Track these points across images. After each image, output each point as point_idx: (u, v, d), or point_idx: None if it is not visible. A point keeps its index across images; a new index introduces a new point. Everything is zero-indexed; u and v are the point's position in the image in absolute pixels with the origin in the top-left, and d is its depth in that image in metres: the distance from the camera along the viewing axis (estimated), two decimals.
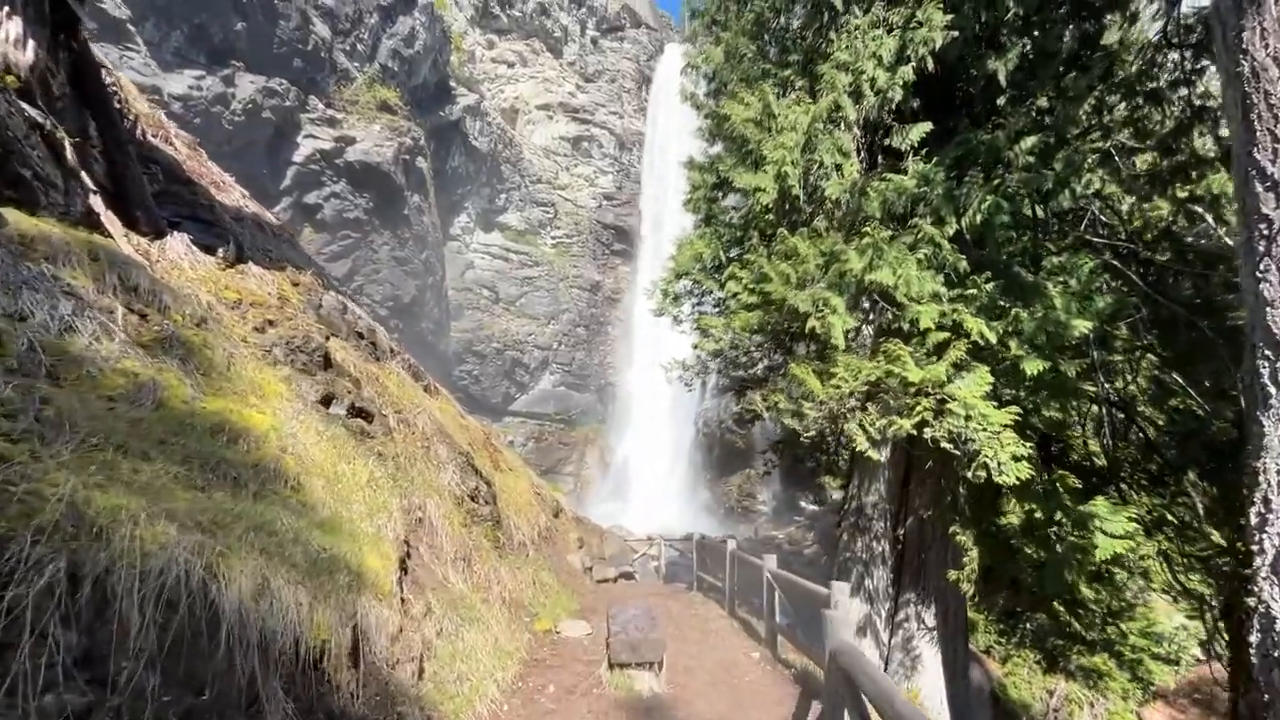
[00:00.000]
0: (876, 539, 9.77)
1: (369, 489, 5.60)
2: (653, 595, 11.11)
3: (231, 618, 3.02)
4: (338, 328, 8.93)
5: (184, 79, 24.41)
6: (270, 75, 27.78)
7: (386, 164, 31.32)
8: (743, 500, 37.16)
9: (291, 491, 4.68)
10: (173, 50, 25.02)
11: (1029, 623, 20.74)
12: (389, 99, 32.42)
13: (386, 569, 4.85)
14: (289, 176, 29.12)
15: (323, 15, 30.20)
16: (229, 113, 26.00)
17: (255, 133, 27.47)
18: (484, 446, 10.94)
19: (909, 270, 7.71)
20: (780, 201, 9.59)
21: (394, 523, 5.53)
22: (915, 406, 7.51)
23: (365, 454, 6.23)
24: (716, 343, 10.05)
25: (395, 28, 33.32)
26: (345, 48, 31.44)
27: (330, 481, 5.20)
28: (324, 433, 5.76)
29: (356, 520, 5.10)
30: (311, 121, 29.76)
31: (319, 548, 4.21)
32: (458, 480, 8.28)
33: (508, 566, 8.25)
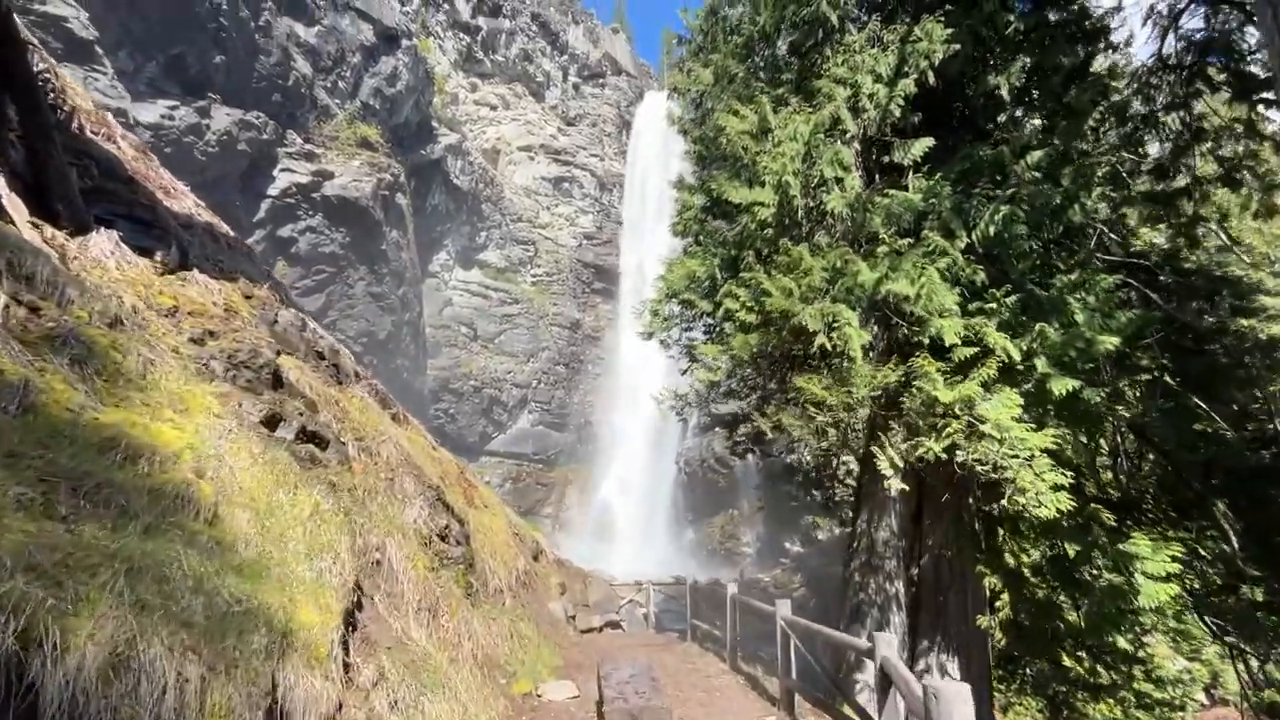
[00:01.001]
0: (890, 579, 8.80)
1: (312, 524, 4.53)
2: (644, 647, 9.92)
3: (54, 708, 1.97)
4: (294, 346, 7.90)
5: (156, 108, 23.57)
6: (248, 109, 27.08)
7: (365, 199, 30.55)
8: (725, 542, 35.81)
9: (204, 525, 3.62)
10: (146, 80, 24.23)
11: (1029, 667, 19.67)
12: (369, 136, 31.89)
13: (326, 625, 3.77)
14: (263, 209, 28.15)
15: (305, 52, 29.80)
16: (202, 143, 25.12)
17: (230, 164, 26.58)
18: (457, 481, 9.82)
19: (930, 280, 6.99)
20: (779, 216, 8.91)
21: (342, 566, 4.45)
22: (945, 428, 6.67)
23: (313, 484, 5.17)
24: (713, 372, 9.19)
25: (378, 67, 33.06)
26: (327, 84, 30.99)
27: (261, 514, 4.14)
28: (261, 456, 4.71)
29: (291, 563, 4.03)
30: (289, 155, 28.99)
31: (231, 598, 3.16)
32: (425, 517, 7.17)
33: (481, 617, 7.09)
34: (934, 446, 6.63)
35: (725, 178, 9.70)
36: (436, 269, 38.28)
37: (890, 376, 7.17)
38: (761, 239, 9.51)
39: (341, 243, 30.58)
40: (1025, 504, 6.25)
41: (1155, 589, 6.58)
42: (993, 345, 6.92)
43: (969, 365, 7.06)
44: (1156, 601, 6.49)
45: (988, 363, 6.75)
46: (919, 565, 9.11)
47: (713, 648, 9.55)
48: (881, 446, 7.04)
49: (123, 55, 23.37)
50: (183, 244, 7.31)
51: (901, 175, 9.29)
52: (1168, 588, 6.51)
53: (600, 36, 45.10)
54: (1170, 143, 10.09)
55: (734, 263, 10.14)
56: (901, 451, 6.99)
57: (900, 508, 9.20)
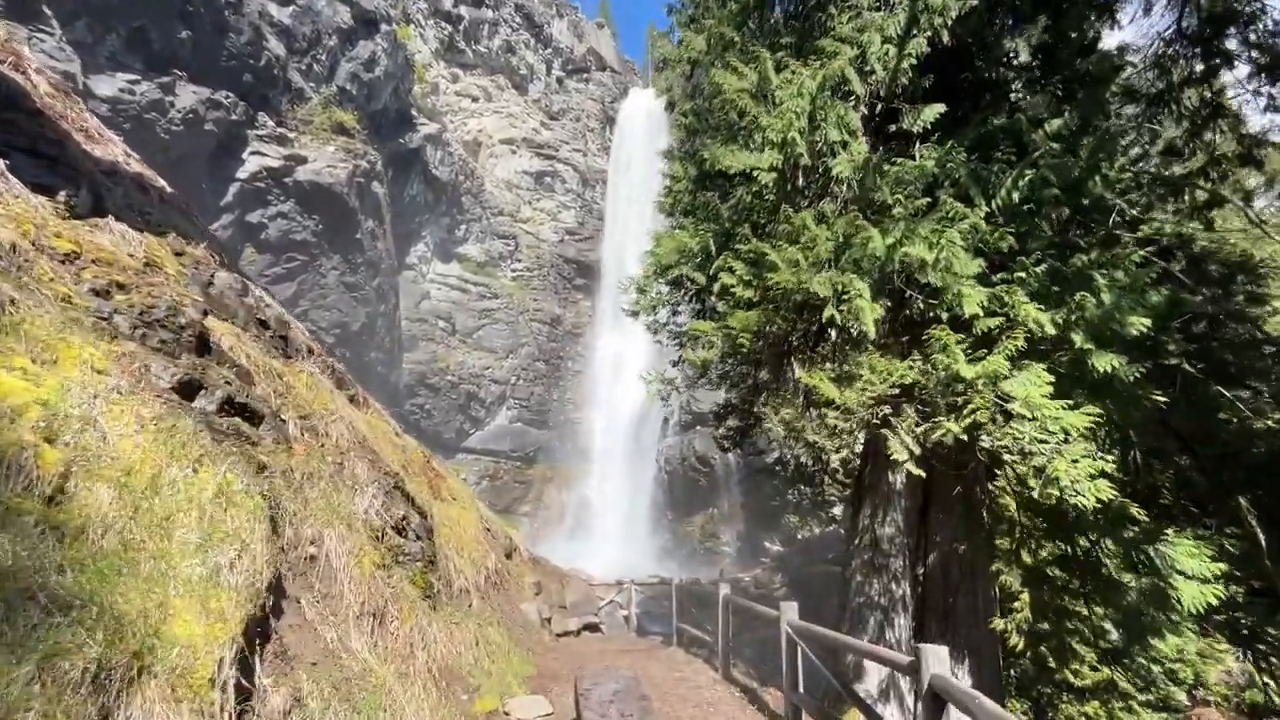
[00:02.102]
0: (895, 579, 7.98)
1: (216, 508, 3.52)
2: (625, 652, 8.98)
3: None
4: (231, 311, 6.84)
5: (115, 81, 22.10)
6: (216, 88, 25.62)
7: (339, 185, 29.19)
8: (706, 541, 34.99)
9: (39, 503, 2.62)
10: (107, 54, 22.74)
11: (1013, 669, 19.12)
12: (346, 121, 30.53)
13: (213, 638, 2.79)
14: (231, 193, 26.67)
15: (278, 32, 28.38)
16: (166, 121, 23.65)
17: (195, 144, 25.09)
18: (422, 470, 8.80)
19: (951, 243, 6.17)
20: (781, 181, 8.06)
21: (252, 560, 3.46)
22: (967, 406, 5.84)
23: (229, 460, 4.15)
24: (708, 350, 8.29)
25: (355, 51, 31.72)
26: (301, 67, 29.58)
27: (138, 493, 3.14)
28: (154, 424, 3.69)
29: (175, 555, 3.03)
30: (260, 138, 27.53)
31: (54, 602, 2.17)
32: (379, 508, 6.16)
33: (442, 621, 6.09)
34: (954, 427, 5.80)
35: (720, 143, 8.83)
36: (414, 261, 36.94)
37: (908, 374, 6.30)
38: (760, 209, 8.66)
39: (314, 230, 29.16)
40: (1060, 493, 5.44)
41: (1197, 592, 5.82)
42: (1021, 317, 6.12)
43: (992, 339, 6.26)
44: (1200, 606, 5.73)
45: (1014, 334, 5.94)
46: (925, 564, 8.31)
47: (701, 654, 8.64)
48: (893, 430, 6.19)
49: (80, 26, 21.83)
50: (98, 188, 6.21)
51: (909, 145, 8.50)
52: (1213, 590, 5.76)
53: (585, 31, 44.14)
54: (1187, 120, 9.47)
55: (728, 238, 9.26)
56: (916, 435, 6.14)
57: (906, 502, 8.40)
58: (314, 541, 4.74)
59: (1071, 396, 6.26)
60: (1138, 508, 6.43)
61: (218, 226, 26.39)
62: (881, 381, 6.23)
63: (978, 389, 5.88)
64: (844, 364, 6.81)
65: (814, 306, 7.93)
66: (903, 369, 6.30)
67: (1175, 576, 5.99)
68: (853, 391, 6.26)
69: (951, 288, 6.21)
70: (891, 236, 6.48)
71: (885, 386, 6.22)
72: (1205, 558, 5.97)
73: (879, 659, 4.15)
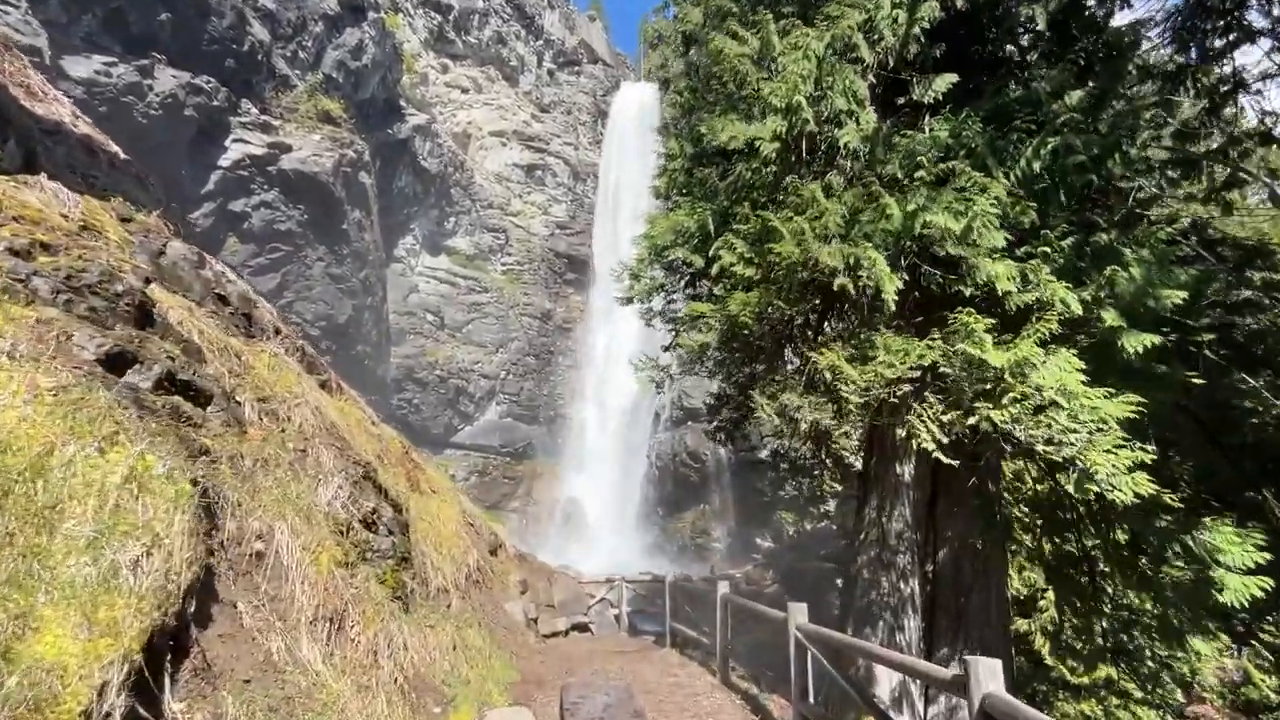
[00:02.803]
0: (904, 577, 7.43)
1: (124, 495, 2.89)
2: (617, 654, 8.40)
3: None
4: (185, 284, 6.17)
5: (90, 63, 21.20)
6: (197, 72, 24.70)
7: (325, 174, 28.34)
8: (696, 537, 34.48)
9: None
10: (82, 35, 21.82)
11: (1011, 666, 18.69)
12: (332, 110, 29.67)
13: (94, 657, 2.16)
14: (212, 181, 25.77)
15: (262, 17, 27.48)
16: (144, 105, 22.74)
17: (175, 131, 24.18)
18: (399, 461, 8.16)
19: (981, 210, 5.60)
20: (784, 152, 7.49)
21: (165, 557, 2.83)
22: (1005, 395, 5.28)
23: (158, 443, 3.52)
24: (706, 333, 7.69)
25: (342, 38, 30.86)
26: (286, 53, 28.69)
27: (13, 475, 2.51)
28: (57, 397, 3.05)
29: (57, 552, 2.40)
30: (243, 125, 26.65)
31: None
32: (345, 499, 5.53)
33: (414, 625, 5.48)
34: (996, 416, 5.22)
35: (719, 114, 8.24)
36: (402, 254, 36.12)
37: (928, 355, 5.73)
38: (762, 184, 8.08)
39: (299, 220, 28.29)
40: (1097, 487, 4.90)
41: (1240, 584, 5.32)
42: (1047, 295, 5.59)
43: (1020, 320, 5.72)
44: (1244, 599, 5.23)
45: (1046, 317, 5.39)
46: (935, 561, 7.78)
47: (697, 655, 8.08)
48: (916, 418, 5.63)
49: (54, 4, 20.92)
50: (31, 144, 5.53)
51: (918, 119, 7.97)
52: (1257, 581, 5.26)
53: (577, 23, 43.41)
54: (1205, 98, 8.99)
55: (726, 217, 8.67)
56: (943, 423, 5.58)
57: (914, 494, 7.86)
58: (261, 536, 4.11)
59: (1100, 383, 5.75)
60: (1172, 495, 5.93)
61: (199, 215, 25.51)
62: (900, 361, 5.66)
63: (1009, 377, 5.32)
64: (856, 344, 6.24)
65: (820, 286, 7.38)
66: (921, 348, 5.74)
67: (1217, 568, 5.49)
68: (869, 371, 5.70)
69: (977, 262, 5.66)
70: (912, 203, 5.92)
71: (905, 367, 5.66)
72: (1250, 546, 5.48)
73: (915, 673, 3.59)
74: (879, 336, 6.06)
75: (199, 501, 3.45)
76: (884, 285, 5.86)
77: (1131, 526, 6.00)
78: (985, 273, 5.58)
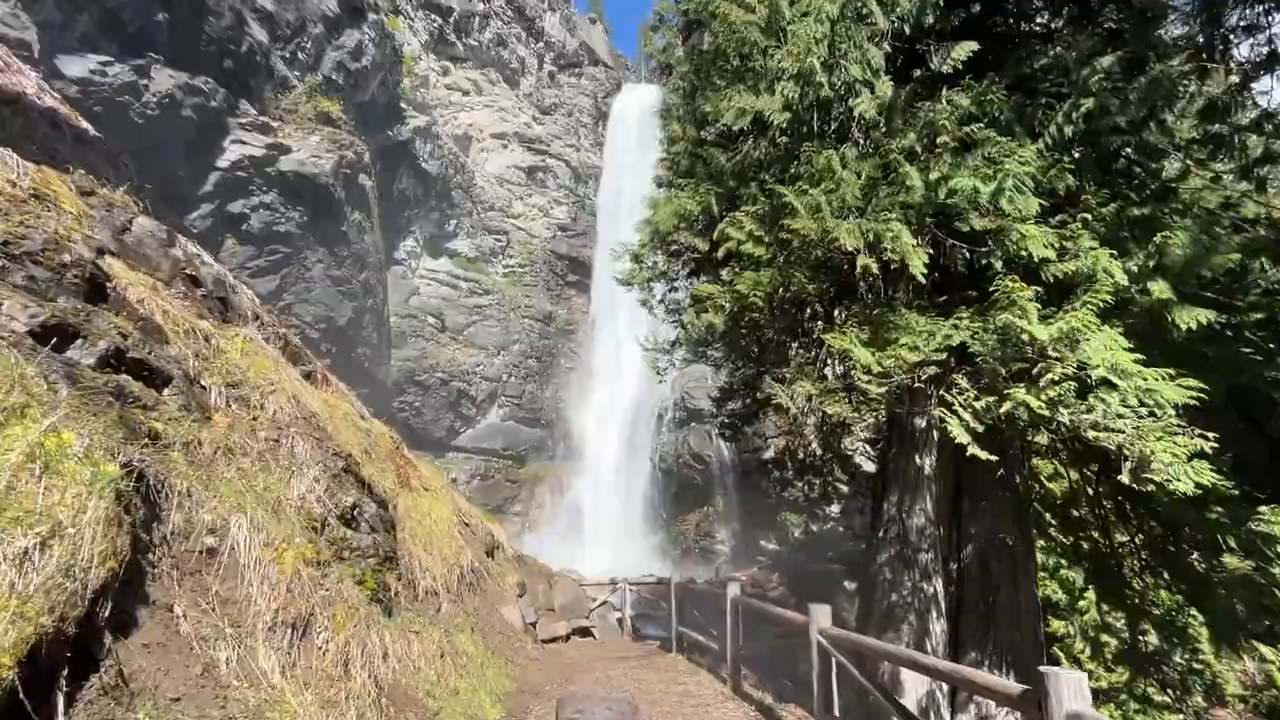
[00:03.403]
0: (927, 576, 6.89)
1: (25, 477, 2.39)
2: (619, 660, 7.86)
3: None
4: (152, 263, 5.69)
5: (85, 61, 20.86)
6: (195, 73, 24.35)
7: (324, 176, 27.96)
8: (700, 540, 33.88)
9: None
10: (79, 36, 21.48)
11: None
12: (331, 111, 29.31)
13: None
14: (211, 182, 25.38)
15: (260, 18, 27.14)
16: (140, 104, 22.39)
17: (172, 131, 23.80)
18: (389, 456, 7.65)
19: (1012, 173, 5.09)
20: (795, 124, 6.99)
21: (73, 553, 2.32)
22: (1046, 375, 4.74)
23: (91, 423, 3.02)
24: (714, 314, 7.17)
25: (342, 40, 30.54)
26: (285, 54, 28.35)
27: None
28: None
29: None
30: (241, 126, 26.28)
31: None
32: (321, 493, 5.02)
33: (397, 630, 4.96)
34: (1032, 400, 4.69)
35: (725, 88, 7.75)
36: (403, 256, 35.72)
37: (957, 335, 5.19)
38: (770, 162, 7.59)
39: (298, 222, 27.88)
40: (1159, 478, 4.36)
41: None
42: (1089, 265, 5.06)
43: (1057, 296, 5.20)
44: None
45: (1095, 287, 4.85)
46: (960, 559, 7.23)
47: (706, 662, 7.53)
48: (953, 407, 5.10)
49: (49, 4, 20.58)
50: None
51: (935, 89, 7.47)
52: None
53: (577, 25, 43.11)
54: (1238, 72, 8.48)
55: (733, 199, 8.18)
56: (976, 410, 5.05)
57: (936, 489, 7.32)
58: (215, 530, 3.60)
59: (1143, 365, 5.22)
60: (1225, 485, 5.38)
61: (196, 216, 25.13)
62: (925, 344, 5.13)
63: (1054, 354, 4.79)
64: (875, 326, 5.71)
65: (834, 267, 6.87)
66: (947, 328, 5.21)
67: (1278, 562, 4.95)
68: (890, 355, 5.17)
69: (1009, 231, 5.13)
70: (935, 171, 5.41)
71: (930, 349, 5.13)
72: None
73: (975, 687, 3.05)
74: (900, 317, 5.53)
75: (131, 488, 2.94)
76: (911, 260, 5.35)
77: (1180, 519, 5.45)
78: (1018, 240, 5.05)
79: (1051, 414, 4.76)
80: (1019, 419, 4.94)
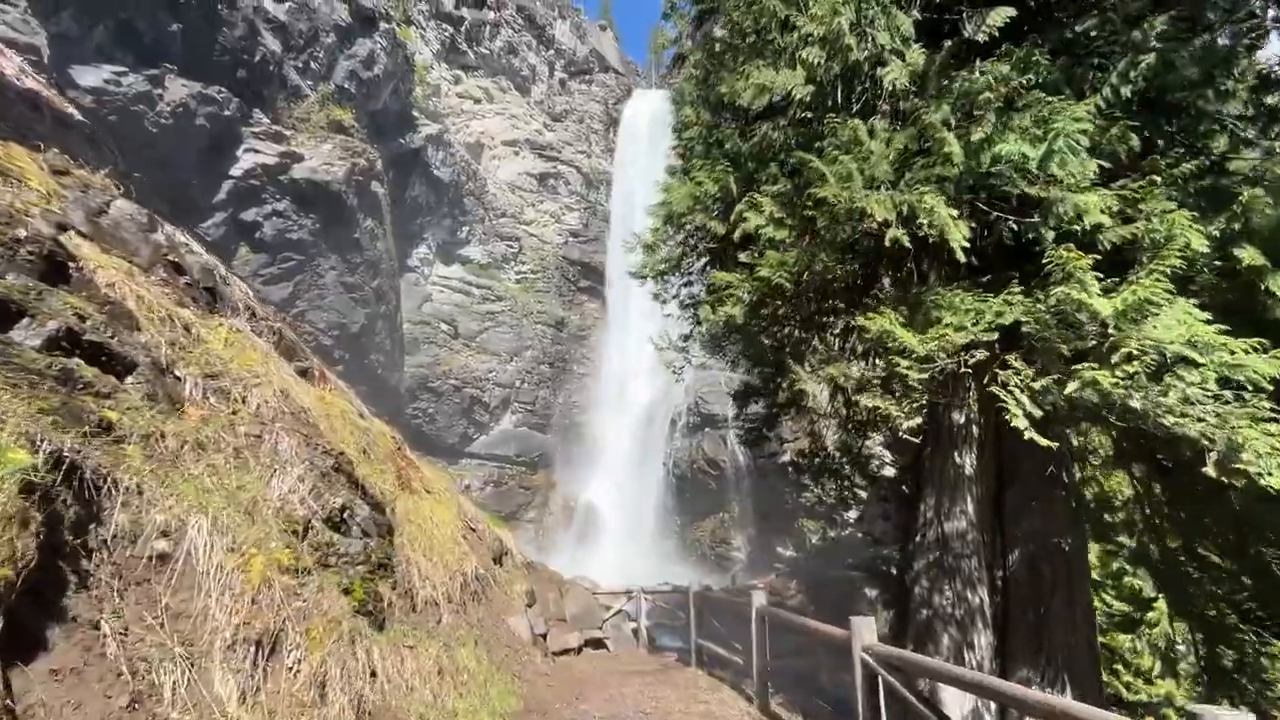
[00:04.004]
0: (970, 585, 6.26)
1: None
2: (635, 674, 7.29)
3: None
4: (130, 248, 5.26)
5: (100, 71, 20.86)
6: (208, 83, 24.34)
7: (337, 183, 27.85)
8: (716, 546, 33.15)
9: None
10: (95, 48, 21.53)
11: None
12: (343, 119, 29.25)
13: None
14: (224, 190, 25.33)
15: (273, 29, 27.17)
16: (154, 114, 22.36)
17: (186, 140, 23.77)
18: (390, 458, 7.17)
19: (1065, 130, 4.52)
20: (820, 96, 6.46)
21: None
22: (1110, 353, 4.15)
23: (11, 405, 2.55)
24: (732, 305, 6.62)
25: (354, 49, 30.52)
26: (298, 64, 28.36)
27: None
28: None
29: None
30: (254, 135, 26.24)
31: None
32: (306, 493, 4.53)
33: (389, 645, 4.44)
34: (1103, 378, 4.08)
35: (743, 63, 7.25)
36: (416, 264, 35.56)
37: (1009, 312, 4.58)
38: (793, 141, 7.05)
39: (311, 229, 27.76)
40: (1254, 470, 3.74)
41: None
42: (1157, 229, 4.46)
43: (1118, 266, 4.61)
44: None
45: (1163, 253, 4.26)
46: (1006, 565, 6.59)
47: (728, 677, 6.93)
48: (1009, 387, 4.51)
49: (65, 17, 20.64)
50: None
51: (969, 59, 6.92)
52: None
53: (588, 32, 42.98)
54: None
55: (751, 179, 7.65)
56: (1034, 394, 4.45)
57: (978, 489, 6.69)
58: (169, 533, 3.11)
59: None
60: None
61: (210, 224, 25.04)
62: (973, 323, 4.56)
63: (1118, 330, 4.19)
64: (913, 307, 5.14)
65: (862, 250, 6.32)
66: (998, 305, 4.63)
67: None
68: (934, 337, 4.59)
69: (1062, 199, 4.55)
70: (978, 133, 4.85)
71: (979, 329, 4.55)
72: None
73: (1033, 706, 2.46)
74: (942, 296, 4.96)
75: (57, 481, 2.45)
76: (949, 234, 4.78)
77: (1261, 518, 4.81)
78: (1073, 209, 4.47)
79: (1125, 395, 4.16)
80: (1085, 403, 4.35)
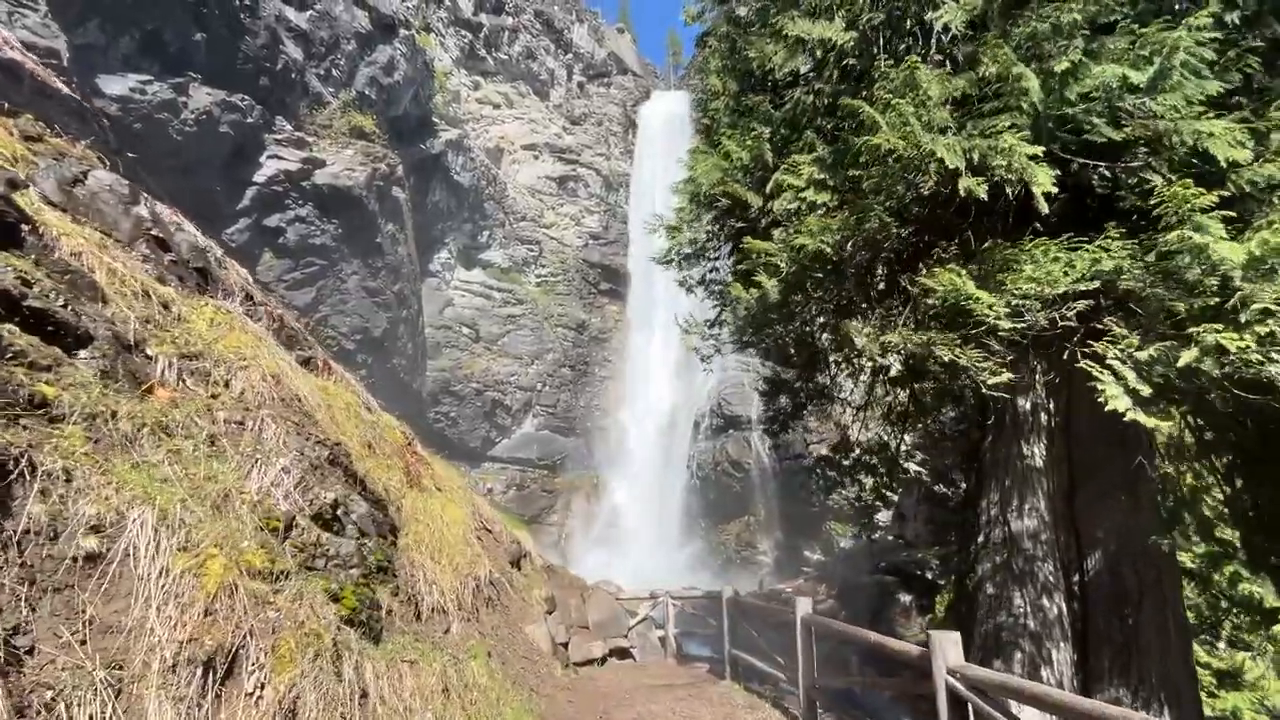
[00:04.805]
0: (1046, 592, 5.46)
1: None
2: (664, 688, 6.59)
3: None
4: (108, 221, 4.76)
5: (125, 80, 20.92)
6: (232, 91, 24.39)
7: (359, 188, 27.74)
8: (741, 550, 32.28)
9: None
10: (121, 58, 21.64)
11: None
12: (365, 125, 29.19)
13: None
14: (248, 197, 25.32)
15: (295, 37, 27.20)
16: (178, 121, 22.39)
17: (211, 148, 23.80)
18: (398, 453, 6.59)
19: (1175, 48, 3.75)
20: (864, 44, 5.76)
21: None
22: (1244, 308, 3.37)
23: None
24: (769, 277, 5.92)
25: (374, 56, 30.50)
26: (319, 71, 28.36)
27: None
28: None
29: None
30: (277, 142, 26.24)
31: None
32: (291, 486, 3.94)
33: (384, 660, 3.82)
34: (1233, 342, 3.31)
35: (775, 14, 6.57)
36: (437, 268, 35.40)
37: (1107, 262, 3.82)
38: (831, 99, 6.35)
39: (333, 234, 27.68)
40: None
41: None
42: None
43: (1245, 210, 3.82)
44: None
45: None
46: (1083, 570, 5.76)
47: (768, 693, 6.19)
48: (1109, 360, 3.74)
49: (92, 27, 20.75)
50: None
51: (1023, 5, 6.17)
52: None
53: (605, 35, 42.64)
54: None
55: (787, 144, 6.96)
56: (1140, 364, 3.69)
57: (1050, 483, 5.88)
58: (100, 528, 2.52)
59: None
60: None
61: (234, 231, 25.04)
62: (1064, 274, 3.81)
63: (1245, 285, 3.41)
64: (986, 264, 4.40)
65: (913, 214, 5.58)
66: (1094, 253, 3.87)
67: None
68: (1019, 287, 3.85)
69: (1178, 129, 3.78)
70: (1063, 63, 4.10)
71: (1070, 280, 3.80)
72: None
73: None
74: (1023, 249, 4.21)
75: None
76: (1033, 179, 4.04)
77: None
78: (1190, 134, 3.69)
79: (1259, 364, 3.37)
80: (1204, 374, 3.57)
